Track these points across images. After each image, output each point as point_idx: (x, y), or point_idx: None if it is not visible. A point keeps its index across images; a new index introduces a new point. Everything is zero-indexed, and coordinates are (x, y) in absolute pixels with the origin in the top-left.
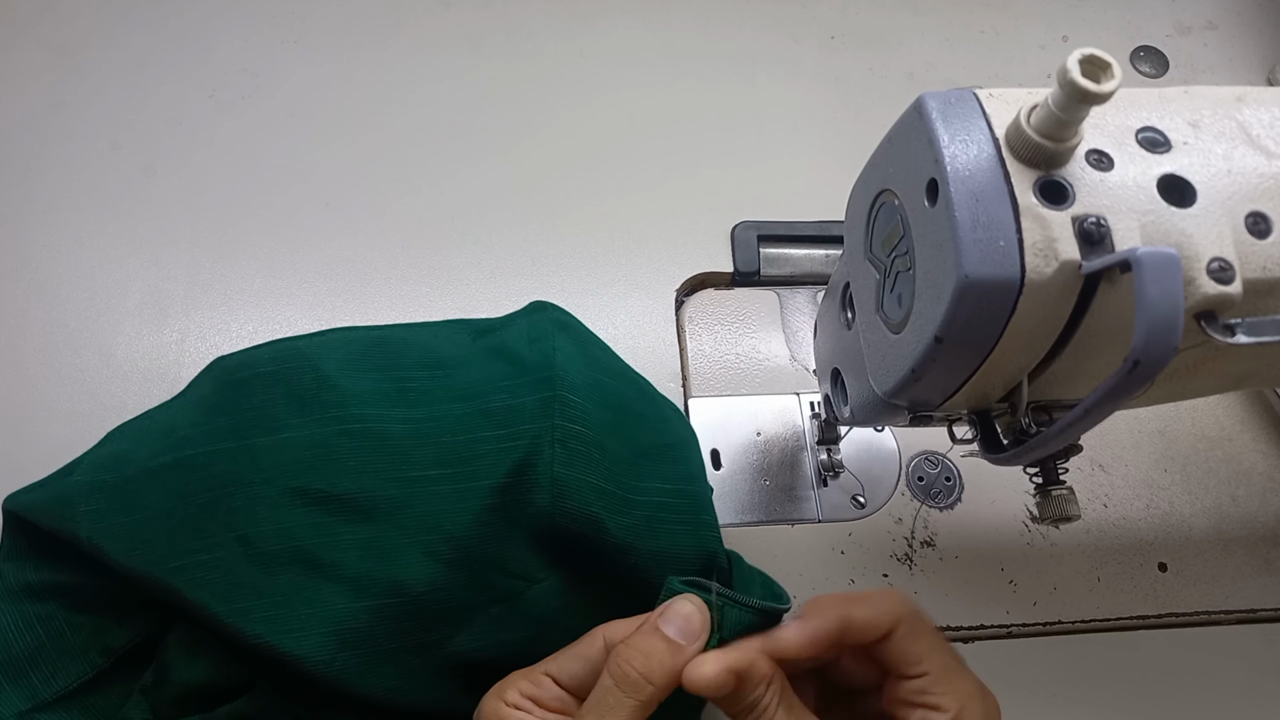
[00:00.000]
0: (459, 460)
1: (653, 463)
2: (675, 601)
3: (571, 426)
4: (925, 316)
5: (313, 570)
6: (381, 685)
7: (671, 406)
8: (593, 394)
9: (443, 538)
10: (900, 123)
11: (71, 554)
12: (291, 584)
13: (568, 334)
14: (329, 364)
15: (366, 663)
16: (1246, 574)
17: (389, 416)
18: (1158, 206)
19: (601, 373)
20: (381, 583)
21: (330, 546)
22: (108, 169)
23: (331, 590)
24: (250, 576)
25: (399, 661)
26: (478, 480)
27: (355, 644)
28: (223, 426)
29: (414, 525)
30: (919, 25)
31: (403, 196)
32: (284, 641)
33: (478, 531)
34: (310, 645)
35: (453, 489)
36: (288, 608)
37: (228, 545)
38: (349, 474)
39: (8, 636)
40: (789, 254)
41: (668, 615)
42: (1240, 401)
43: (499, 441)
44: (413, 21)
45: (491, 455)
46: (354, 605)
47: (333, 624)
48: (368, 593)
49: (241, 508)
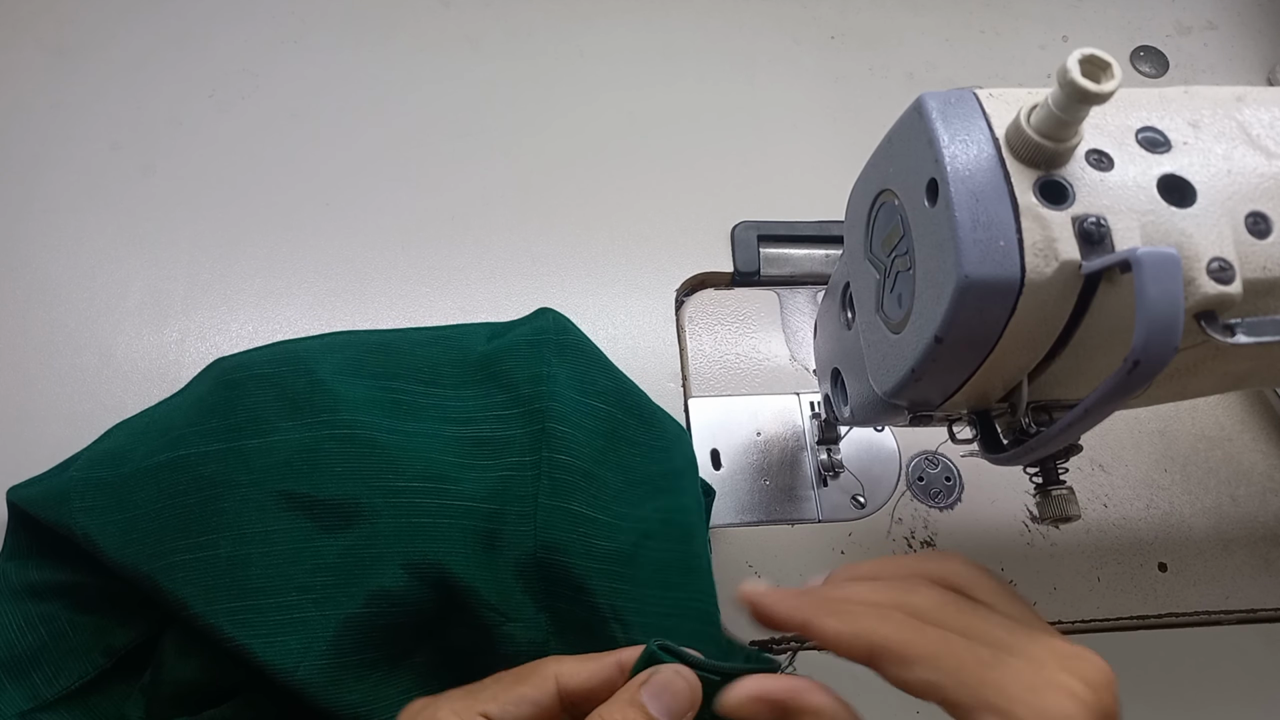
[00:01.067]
0: (445, 479)
1: (646, 491)
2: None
3: (557, 457)
4: (925, 316)
5: (288, 576)
6: (345, 700)
7: (675, 433)
8: (584, 421)
9: (420, 552)
10: (900, 123)
11: (73, 552)
12: (266, 588)
13: (566, 356)
14: (324, 368)
15: (330, 673)
16: (1246, 574)
17: (379, 425)
18: (1158, 206)
19: (597, 398)
20: (355, 593)
21: (309, 552)
22: (108, 169)
23: (303, 598)
24: (229, 578)
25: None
26: (461, 501)
27: (322, 652)
28: (216, 427)
29: (393, 536)
30: (919, 25)
31: (403, 196)
32: (253, 644)
33: (457, 552)
34: (277, 651)
35: (436, 504)
36: (259, 612)
37: (212, 546)
38: (334, 479)
39: (10, 636)
40: (789, 254)
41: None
42: (1240, 401)
43: (487, 470)
44: (413, 21)
45: (478, 481)
46: (326, 613)
47: (301, 631)
48: (340, 602)
49: (229, 509)
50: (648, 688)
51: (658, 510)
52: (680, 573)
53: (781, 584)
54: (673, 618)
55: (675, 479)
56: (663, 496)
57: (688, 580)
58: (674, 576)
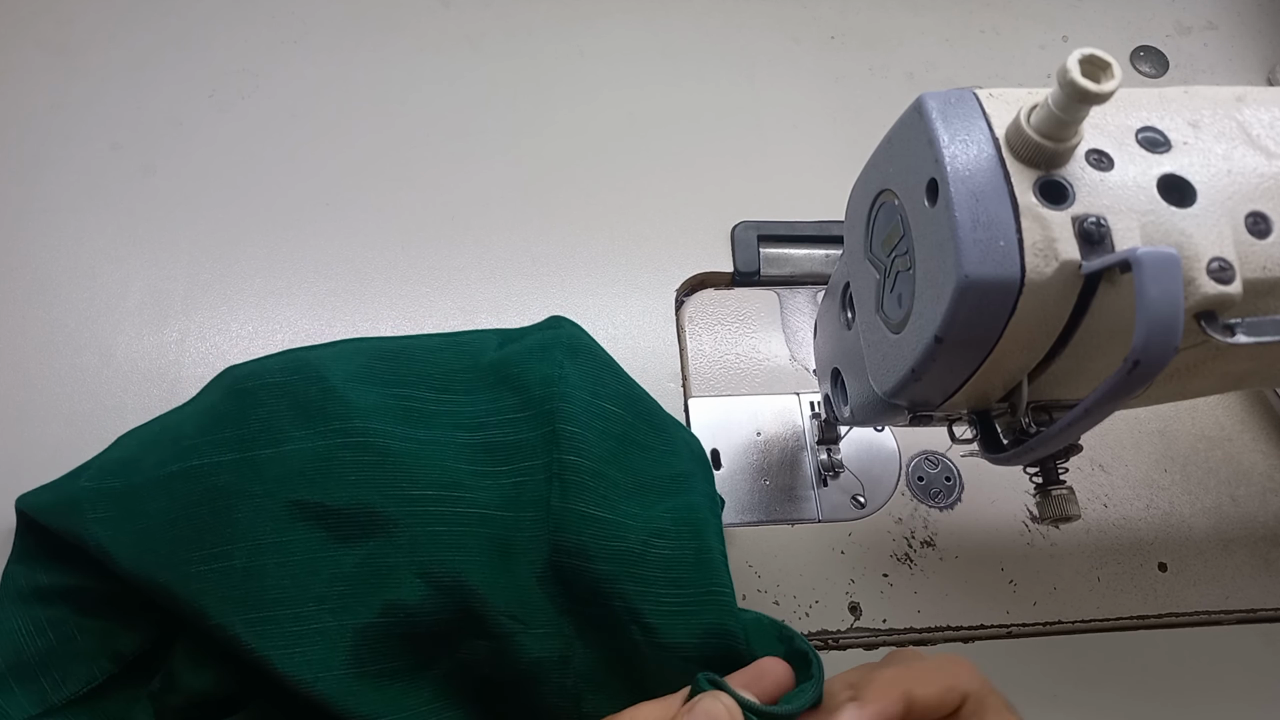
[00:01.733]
0: (459, 486)
1: (656, 494)
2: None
3: (567, 458)
4: (925, 316)
5: (305, 586)
6: (364, 711)
7: (684, 439)
8: (595, 423)
9: (437, 561)
10: (900, 123)
11: (81, 557)
12: (283, 599)
13: (577, 360)
14: (336, 375)
15: (350, 684)
16: (1246, 574)
17: (392, 433)
18: (1158, 206)
19: (608, 401)
20: (372, 602)
21: (325, 562)
22: (108, 169)
23: (320, 608)
24: (244, 589)
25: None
26: (476, 508)
27: (341, 662)
28: (228, 438)
29: (409, 545)
30: (919, 25)
31: (403, 196)
32: (271, 655)
33: (473, 561)
34: (296, 662)
35: (451, 513)
36: (276, 623)
37: (226, 557)
38: (348, 487)
39: (18, 640)
40: (789, 254)
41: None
42: (1240, 401)
43: (500, 477)
44: (413, 21)
45: (492, 489)
46: (343, 623)
47: (320, 641)
48: (358, 612)
49: (242, 520)
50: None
51: (667, 510)
52: (691, 568)
53: (781, 585)
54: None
55: (685, 480)
56: (671, 498)
57: (699, 575)
58: (685, 573)
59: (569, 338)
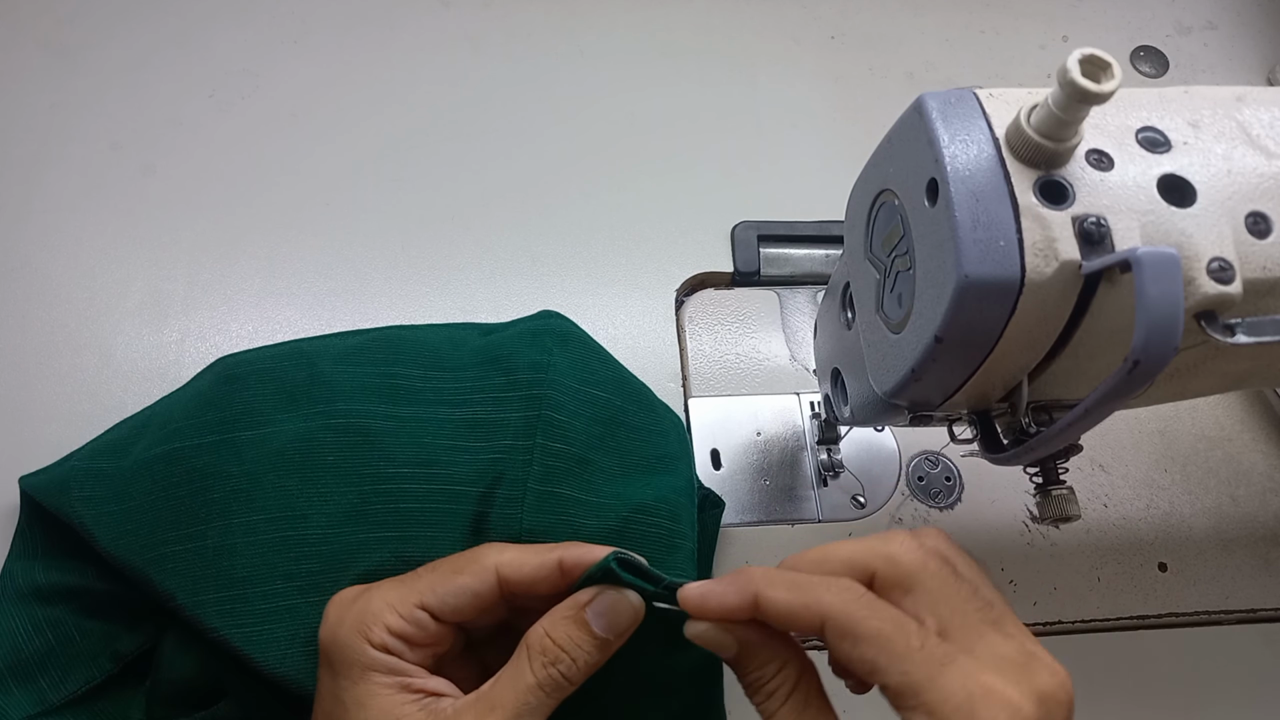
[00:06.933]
0: (436, 463)
1: (641, 475)
2: (607, 592)
3: (553, 445)
4: (925, 316)
5: (273, 564)
6: None
7: (672, 421)
8: (583, 408)
9: (410, 539)
10: (900, 123)
11: (80, 553)
12: (251, 577)
13: (567, 348)
14: (325, 360)
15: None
16: (1246, 574)
17: (374, 412)
18: (1158, 206)
19: (596, 386)
20: (342, 580)
21: (294, 540)
22: (108, 169)
23: (289, 585)
24: (215, 568)
25: None
26: (451, 485)
27: (307, 640)
28: (211, 420)
29: (379, 521)
30: (919, 25)
31: (402, 196)
32: (236, 636)
33: (444, 536)
34: (263, 640)
35: (424, 489)
36: (245, 601)
37: (200, 537)
38: (325, 468)
39: (17, 640)
40: (789, 254)
41: (598, 605)
42: (1240, 401)
43: (478, 453)
44: (413, 21)
45: (470, 465)
46: (311, 601)
47: (287, 619)
48: (327, 590)
49: (218, 500)
50: (593, 606)
51: (650, 486)
52: (664, 550)
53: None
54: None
55: (670, 462)
56: (656, 476)
57: (668, 558)
58: (656, 553)
59: (559, 327)
